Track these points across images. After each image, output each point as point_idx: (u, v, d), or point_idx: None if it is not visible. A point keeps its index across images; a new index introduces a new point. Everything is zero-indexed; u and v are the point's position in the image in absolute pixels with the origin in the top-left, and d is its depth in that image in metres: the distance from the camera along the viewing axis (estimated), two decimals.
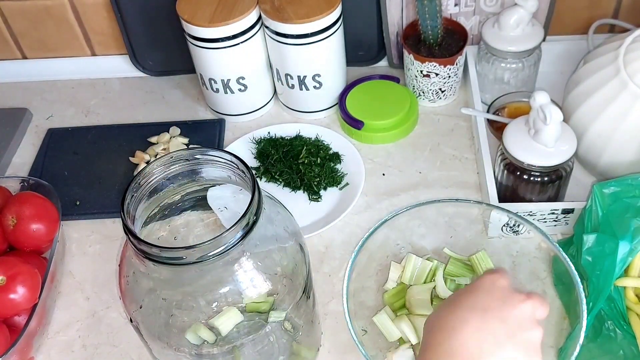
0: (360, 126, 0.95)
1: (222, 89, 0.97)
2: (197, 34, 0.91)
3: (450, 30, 0.98)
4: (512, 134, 0.78)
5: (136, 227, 0.56)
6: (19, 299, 0.73)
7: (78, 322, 0.81)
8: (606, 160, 0.80)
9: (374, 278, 0.77)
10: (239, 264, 0.56)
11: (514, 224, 0.76)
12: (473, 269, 0.76)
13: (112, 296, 0.83)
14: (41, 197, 0.83)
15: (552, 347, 0.70)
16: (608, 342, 0.68)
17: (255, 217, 0.54)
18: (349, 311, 0.68)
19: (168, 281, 0.57)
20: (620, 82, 0.76)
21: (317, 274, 0.82)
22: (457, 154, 0.94)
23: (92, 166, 0.97)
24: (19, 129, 1.04)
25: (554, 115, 0.73)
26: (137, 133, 0.99)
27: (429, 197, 0.89)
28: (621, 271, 0.66)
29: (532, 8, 0.89)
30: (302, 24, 0.88)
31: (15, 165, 1.00)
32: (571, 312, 0.68)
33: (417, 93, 1.00)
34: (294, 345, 0.67)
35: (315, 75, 0.95)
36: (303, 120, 1.02)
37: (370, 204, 0.89)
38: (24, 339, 0.71)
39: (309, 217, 0.89)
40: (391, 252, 0.78)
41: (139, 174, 0.57)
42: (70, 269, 0.86)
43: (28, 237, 0.80)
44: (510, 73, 0.94)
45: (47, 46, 1.12)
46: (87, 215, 0.91)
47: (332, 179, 0.92)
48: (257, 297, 0.57)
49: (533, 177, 0.78)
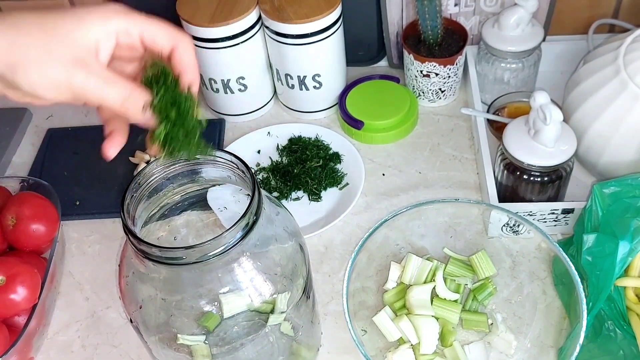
0: (360, 126, 0.95)
1: (222, 89, 0.97)
2: (197, 34, 0.91)
3: (450, 30, 0.98)
4: (512, 134, 0.78)
5: (136, 227, 0.56)
6: (18, 299, 0.73)
7: (78, 322, 0.81)
8: (606, 160, 0.80)
9: (374, 278, 0.77)
10: (238, 264, 0.56)
11: (514, 224, 0.76)
12: (473, 269, 0.76)
13: (111, 296, 0.82)
14: (41, 197, 0.83)
15: (552, 347, 0.70)
16: (608, 342, 0.68)
17: (255, 217, 0.54)
18: (349, 311, 0.68)
19: (168, 281, 0.57)
20: (621, 82, 0.76)
21: (317, 274, 0.82)
22: (457, 154, 0.94)
23: (92, 166, 0.97)
24: (19, 128, 1.04)
25: (554, 115, 0.73)
26: (137, 133, 0.99)
27: (429, 197, 0.89)
28: (621, 271, 0.66)
29: (532, 8, 0.89)
30: (302, 24, 0.88)
31: (15, 165, 1.00)
32: (571, 312, 0.68)
33: (417, 93, 1.00)
34: (294, 345, 0.67)
35: (315, 75, 0.95)
36: (303, 120, 1.02)
37: (370, 204, 0.89)
38: (24, 339, 0.71)
39: (309, 217, 0.89)
40: (391, 252, 0.78)
41: (139, 174, 0.57)
42: (69, 269, 0.86)
43: (28, 237, 0.80)
44: (510, 73, 0.94)
45: None
46: (87, 215, 0.91)
47: (332, 179, 0.92)
48: (257, 298, 0.57)
49: (533, 177, 0.78)
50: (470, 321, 0.74)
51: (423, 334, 0.71)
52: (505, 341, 0.72)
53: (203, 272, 0.55)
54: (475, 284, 0.76)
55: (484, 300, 0.75)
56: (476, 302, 0.75)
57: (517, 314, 0.74)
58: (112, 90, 0.49)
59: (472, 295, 0.75)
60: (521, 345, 0.72)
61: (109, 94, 0.49)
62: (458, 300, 0.75)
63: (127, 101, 0.50)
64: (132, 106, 0.50)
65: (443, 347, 0.72)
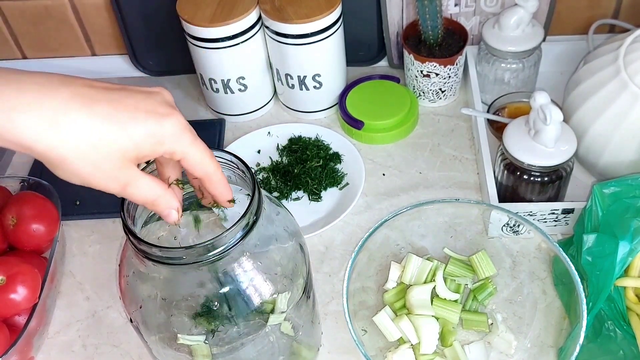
0: (360, 126, 0.95)
1: (222, 89, 0.97)
2: (197, 34, 0.91)
3: (451, 31, 0.98)
4: (512, 134, 0.78)
5: (136, 227, 0.56)
6: (19, 299, 0.73)
7: (78, 322, 0.81)
8: (606, 160, 0.80)
9: (374, 278, 0.77)
10: (239, 264, 0.56)
11: (514, 224, 0.76)
12: (473, 269, 0.76)
13: (112, 296, 0.83)
14: (41, 197, 0.83)
15: (552, 347, 0.70)
16: (608, 342, 0.68)
17: (255, 217, 0.54)
18: (349, 311, 0.68)
19: (168, 281, 0.57)
20: (621, 83, 0.76)
21: (317, 274, 0.82)
22: (457, 154, 0.94)
23: None
24: None
25: (554, 115, 0.73)
26: None
27: (429, 197, 0.89)
28: (621, 271, 0.66)
29: (532, 8, 0.89)
30: (302, 24, 0.88)
31: (15, 165, 1.00)
32: (571, 312, 0.68)
33: (417, 93, 1.00)
34: (294, 345, 0.67)
35: (315, 75, 0.95)
36: (303, 120, 1.02)
37: (370, 204, 0.89)
38: (24, 338, 0.71)
39: (309, 217, 0.89)
40: (391, 252, 0.78)
41: None
42: (70, 268, 0.86)
43: (28, 237, 0.80)
44: (510, 73, 0.94)
45: (47, 46, 1.12)
46: (87, 215, 0.91)
47: (332, 179, 0.92)
48: (258, 298, 0.57)
49: (533, 177, 0.78)
50: (470, 321, 0.74)
51: (423, 334, 0.71)
52: (505, 341, 0.72)
53: (203, 272, 0.55)
54: (476, 284, 0.76)
55: (484, 300, 0.75)
56: (476, 302, 0.75)
57: (517, 314, 0.74)
58: (148, 188, 0.50)
59: (472, 295, 0.75)
60: (521, 345, 0.72)
61: (145, 194, 0.50)
62: (458, 300, 0.75)
63: (159, 199, 0.51)
64: (163, 205, 0.51)
65: (443, 347, 0.72)
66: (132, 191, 0.49)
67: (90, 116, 0.45)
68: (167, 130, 0.49)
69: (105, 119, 0.45)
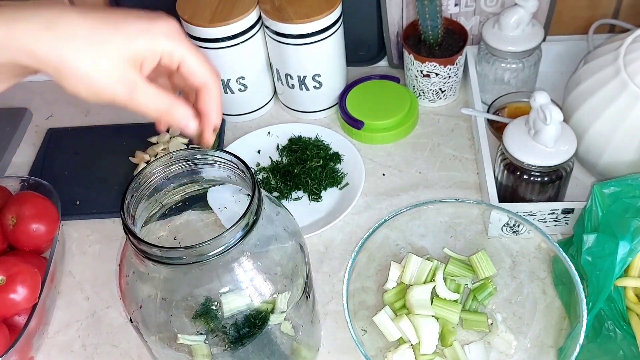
0: (360, 126, 0.95)
1: (222, 89, 0.97)
2: (197, 34, 0.91)
3: (451, 31, 0.98)
4: (512, 134, 0.78)
5: (136, 227, 0.56)
6: (19, 299, 0.73)
7: (78, 322, 0.81)
8: (606, 160, 0.80)
9: (374, 278, 0.77)
10: (239, 264, 0.56)
11: (514, 224, 0.76)
12: (473, 269, 0.76)
13: (112, 296, 0.83)
14: (41, 197, 0.83)
15: (552, 347, 0.70)
16: (608, 342, 0.68)
17: (255, 217, 0.54)
18: (349, 311, 0.68)
19: (168, 281, 0.57)
20: (621, 83, 0.76)
21: (317, 274, 0.82)
22: (457, 154, 0.94)
23: (92, 166, 0.97)
24: (19, 128, 1.04)
25: (554, 115, 0.73)
26: (137, 133, 0.99)
27: (429, 197, 0.89)
28: (621, 271, 0.66)
29: (532, 8, 0.89)
30: (302, 24, 0.88)
31: (15, 165, 1.00)
32: (571, 312, 0.68)
33: (417, 93, 1.00)
34: (294, 345, 0.67)
35: (315, 75, 0.95)
36: (303, 120, 1.02)
37: (370, 204, 0.89)
38: (24, 338, 0.71)
39: (309, 217, 0.89)
40: (391, 252, 0.78)
41: (139, 174, 0.57)
42: (70, 268, 0.86)
43: (28, 236, 0.80)
44: (510, 73, 0.94)
45: None
46: (87, 215, 0.91)
47: (332, 179, 0.92)
48: (257, 298, 0.57)
49: (533, 177, 0.78)
50: (470, 321, 0.74)
51: (423, 334, 0.71)
52: (505, 341, 0.72)
53: (203, 272, 0.55)
54: (475, 284, 0.76)
55: (484, 300, 0.75)
56: (476, 302, 0.75)
57: (517, 314, 0.74)
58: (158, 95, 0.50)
59: (472, 295, 0.75)
60: (521, 345, 0.72)
61: (156, 102, 0.50)
62: (458, 300, 0.75)
63: (173, 107, 0.51)
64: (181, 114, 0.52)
65: (443, 347, 0.72)
66: (141, 99, 0.50)
67: (85, 19, 0.47)
68: (160, 28, 0.50)
69: (98, 21, 0.48)
